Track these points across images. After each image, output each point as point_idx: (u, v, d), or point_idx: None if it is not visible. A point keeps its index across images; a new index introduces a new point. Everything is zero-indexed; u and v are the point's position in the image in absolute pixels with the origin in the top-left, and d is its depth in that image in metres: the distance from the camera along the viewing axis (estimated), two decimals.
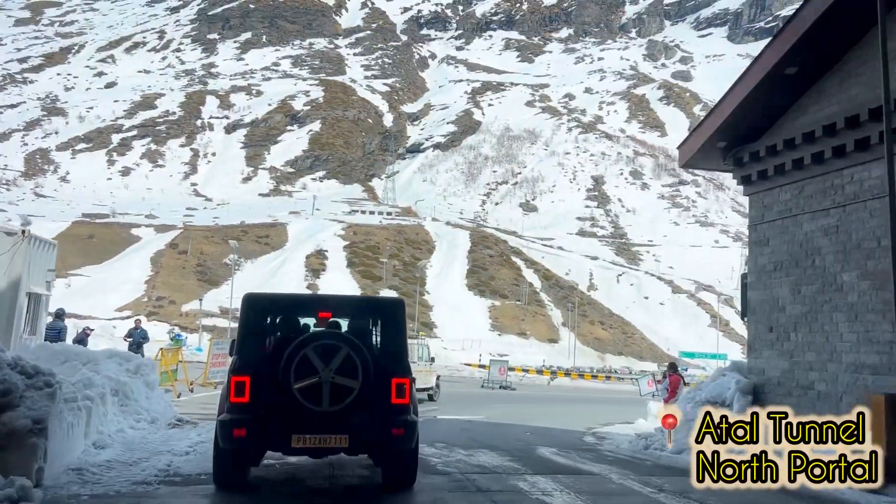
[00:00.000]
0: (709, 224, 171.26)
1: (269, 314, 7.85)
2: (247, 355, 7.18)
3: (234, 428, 6.75)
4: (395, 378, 7.04)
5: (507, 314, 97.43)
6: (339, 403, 6.72)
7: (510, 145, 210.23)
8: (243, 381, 6.86)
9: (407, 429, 6.97)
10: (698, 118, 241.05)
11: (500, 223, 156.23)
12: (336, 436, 6.83)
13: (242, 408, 6.79)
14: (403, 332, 7.80)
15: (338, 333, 7.27)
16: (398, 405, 7.00)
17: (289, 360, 6.70)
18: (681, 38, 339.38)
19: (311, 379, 6.70)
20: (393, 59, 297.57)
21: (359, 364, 6.75)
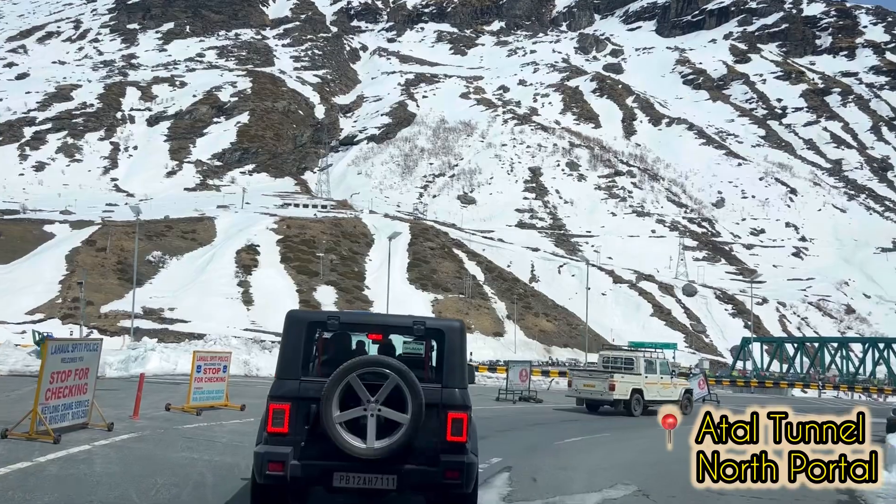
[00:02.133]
0: (645, 214, 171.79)
1: (314, 334, 6.93)
2: (288, 380, 6.32)
3: (271, 462, 5.94)
4: (451, 412, 6.17)
5: (451, 308, 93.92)
6: (386, 440, 5.92)
7: (446, 137, 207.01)
8: (282, 409, 6.12)
9: (463, 471, 6.04)
10: (631, 110, 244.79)
11: (439, 216, 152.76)
12: (383, 476, 5.99)
13: (280, 439, 6.05)
14: (462, 359, 6.52)
15: (386, 360, 6.22)
16: (454, 443, 6.11)
17: (330, 388, 5.97)
18: (611, 32, 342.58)
19: (355, 411, 5.97)
20: (323, 51, 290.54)
21: (408, 395, 5.96)
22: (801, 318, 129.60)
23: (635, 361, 23.56)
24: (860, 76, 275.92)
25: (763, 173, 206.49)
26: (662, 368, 24.17)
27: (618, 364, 24.03)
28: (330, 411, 5.94)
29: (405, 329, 7.03)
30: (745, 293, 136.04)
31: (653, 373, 23.30)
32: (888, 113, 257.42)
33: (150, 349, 26.80)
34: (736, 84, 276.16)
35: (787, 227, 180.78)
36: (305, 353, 6.62)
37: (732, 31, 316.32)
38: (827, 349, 58.17)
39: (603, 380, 22.35)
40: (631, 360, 23.84)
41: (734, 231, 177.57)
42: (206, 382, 15.03)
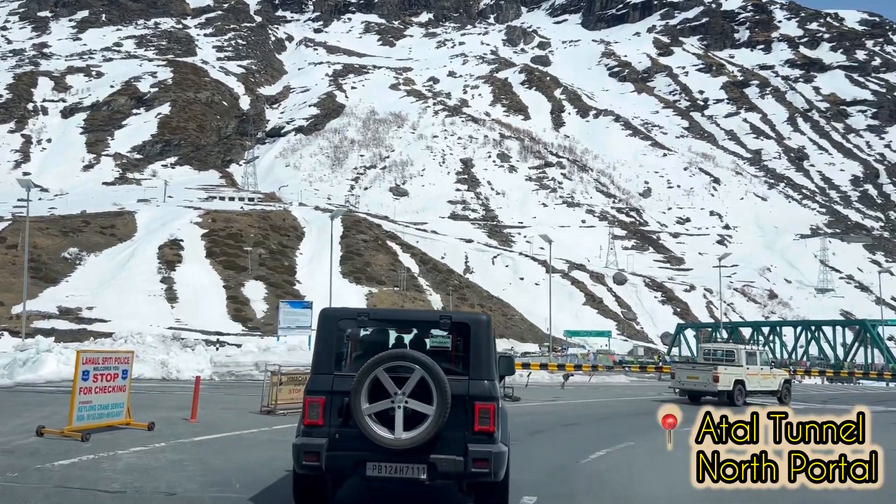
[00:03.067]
0: (575, 204, 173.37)
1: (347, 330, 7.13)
2: (322, 374, 6.63)
3: (307, 453, 6.29)
4: (478, 403, 6.35)
5: (386, 301, 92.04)
6: (414, 431, 6.16)
7: (376, 129, 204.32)
8: (317, 403, 6.47)
9: (490, 460, 6.18)
10: (559, 101, 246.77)
11: (371, 208, 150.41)
12: (413, 465, 6.21)
13: (316, 431, 6.42)
14: (488, 351, 6.65)
15: (411, 354, 6.41)
16: (481, 433, 6.30)
17: (359, 381, 6.24)
18: (538, 24, 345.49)
19: (383, 404, 6.23)
20: (247, 41, 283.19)
21: (434, 388, 6.18)
22: (727, 303, 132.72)
23: (736, 353, 24.21)
24: (776, 69, 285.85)
25: (687, 163, 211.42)
26: (762, 360, 24.75)
27: (719, 356, 24.77)
28: (359, 404, 6.16)
29: (432, 323, 7.21)
30: (672, 280, 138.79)
31: (753, 364, 23.88)
32: (803, 105, 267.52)
33: (44, 350, 21.82)
34: (660, 76, 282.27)
35: (712, 216, 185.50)
36: (338, 349, 6.85)
37: (655, 25, 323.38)
38: (759, 333, 59.12)
39: (707, 372, 22.93)
40: (732, 353, 24.50)
41: (661, 220, 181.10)
42: (97, 394, 10.92)
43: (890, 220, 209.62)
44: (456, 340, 7.20)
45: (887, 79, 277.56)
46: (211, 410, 14.24)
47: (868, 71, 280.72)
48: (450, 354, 7.15)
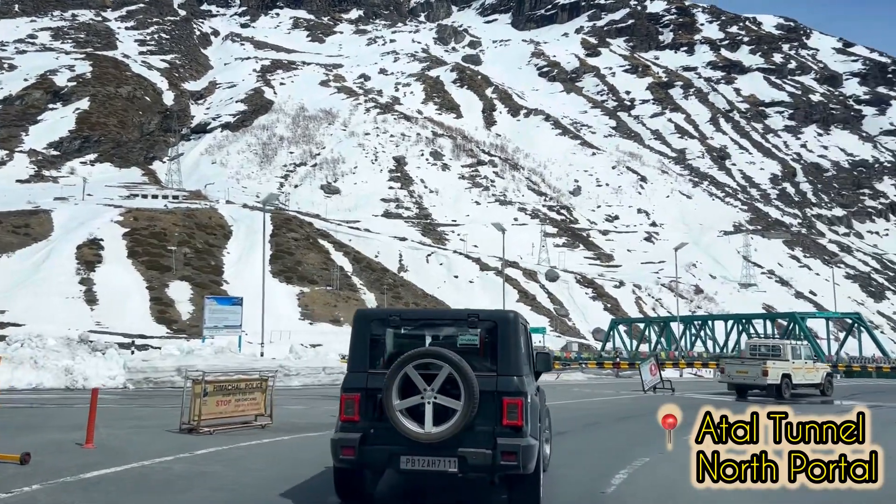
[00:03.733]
0: (507, 203, 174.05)
1: (381, 329, 7.28)
2: (357, 372, 6.95)
3: (343, 447, 6.63)
4: (506, 398, 6.54)
5: (319, 301, 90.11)
6: (442, 425, 6.42)
7: (306, 125, 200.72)
8: (353, 400, 6.77)
9: (519, 454, 6.36)
10: (491, 100, 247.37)
11: (302, 206, 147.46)
12: (445, 458, 6.45)
13: (351, 426, 6.72)
14: (516, 347, 6.87)
15: (439, 351, 6.67)
16: (510, 427, 6.50)
17: (390, 378, 6.54)
18: (468, 24, 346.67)
19: (413, 399, 6.53)
20: (171, 35, 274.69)
21: (461, 384, 6.43)
22: (655, 299, 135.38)
23: (782, 348, 25.17)
24: (699, 70, 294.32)
25: (615, 162, 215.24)
26: (807, 354, 25.56)
27: (765, 351, 25.67)
28: (391, 400, 6.44)
29: (460, 322, 7.37)
30: (603, 277, 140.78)
31: (798, 358, 24.69)
32: (724, 105, 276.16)
33: None
34: (588, 77, 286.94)
35: (639, 213, 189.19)
36: (372, 348, 7.05)
37: (583, 26, 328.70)
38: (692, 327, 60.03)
39: (755, 366, 23.51)
40: (778, 348, 25.39)
41: (591, 218, 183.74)
42: None
43: (807, 217, 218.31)
44: (484, 338, 7.21)
45: (802, 81, 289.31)
46: (117, 430, 11.59)
47: (784, 73, 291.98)
48: (478, 352, 7.12)
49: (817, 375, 25.17)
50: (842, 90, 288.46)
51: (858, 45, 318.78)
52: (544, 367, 8.20)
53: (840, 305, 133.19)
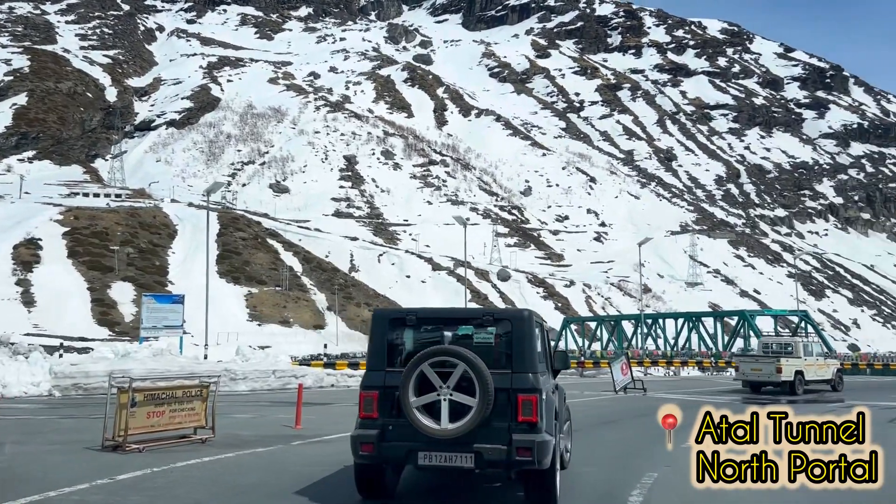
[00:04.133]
0: (459, 202, 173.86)
1: (398, 329, 7.43)
2: (376, 370, 7.09)
3: (362, 444, 6.77)
4: (521, 395, 6.66)
5: (267, 301, 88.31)
6: (458, 422, 6.52)
7: (255, 123, 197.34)
8: (371, 397, 6.90)
9: (534, 449, 6.48)
10: (442, 100, 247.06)
11: (250, 205, 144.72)
12: (462, 454, 6.59)
13: (370, 423, 6.84)
14: (531, 345, 7.02)
15: (454, 349, 6.80)
16: (525, 423, 6.61)
17: (406, 376, 6.64)
18: (419, 23, 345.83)
19: (429, 397, 6.63)
20: (114, 30, 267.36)
21: (476, 381, 6.52)
22: (605, 298, 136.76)
23: (794, 346, 25.61)
24: (646, 73, 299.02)
25: (565, 163, 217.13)
26: (817, 351, 26.28)
27: (777, 349, 25.98)
28: (407, 397, 6.56)
29: (476, 320, 7.53)
30: (553, 276, 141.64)
31: (810, 355, 25.32)
32: (671, 108, 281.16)
33: None
34: (538, 78, 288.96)
35: (589, 214, 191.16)
36: (390, 347, 7.20)
37: (533, 27, 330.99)
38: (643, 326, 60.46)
39: (769, 363, 24.24)
40: (790, 345, 25.84)
41: (541, 218, 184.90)
42: None
43: (750, 218, 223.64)
44: (499, 336, 7.33)
45: (746, 84, 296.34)
46: (28, 447, 10.01)
47: (729, 77, 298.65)
48: (493, 350, 7.18)
49: (828, 371, 25.92)
50: (783, 94, 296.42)
51: (799, 51, 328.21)
52: (562, 364, 8.40)
53: (782, 304, 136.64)
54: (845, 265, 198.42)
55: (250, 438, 11.20)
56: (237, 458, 9.48)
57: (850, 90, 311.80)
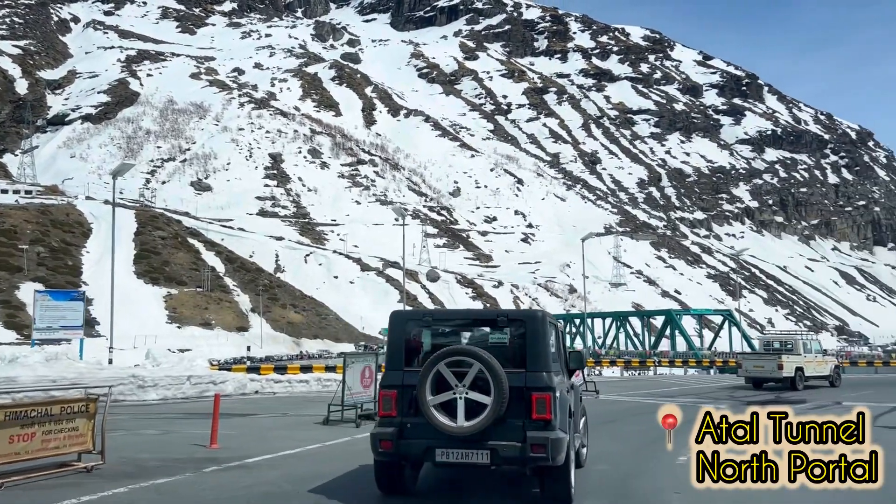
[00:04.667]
0: (388, 202, 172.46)
1: (414, 330, 7.62)
2: (394, 370, 7.23)
3: (381, 441, 6.90)
4: (534, 393, 6.79)
5: (188, 303, 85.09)
6: (474, 419, 6.66)
7: (175, 119, 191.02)
8: (390, 396, 7.04)
9: (548, 446, 6.61)
10: (370, 99, 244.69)
11: (170, 203, 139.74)
12: (478, 451, 6.74)
13: (389, 421, 6.98)
14: (545, 345, 7.12)
15: (469, 349, 6.94)
16: (538, 421, 6.74)
17: (423, 375, 6.79)
18: (347, 21, 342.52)
19: (445, 395, 6.78)
20: (25, 20, 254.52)
21: (491, 380, 6.66)
22: (532, 298, 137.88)
23: (794, 343, 26.38)
24: (572, 77, 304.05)
25: (493, 164, 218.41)
26: (816, 348, 27.14)
27: (777, 346, 26.83)
28: (425, 396, 6.72)
29: (490, 321, 7.84)
30: (482, 277, 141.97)
31: (809, 352, 26.24)
32: (595, 112, 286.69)
33: None
34: (466, 80, 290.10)
35: (516, 215, 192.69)
36: (407, 347, 7.32)
37: (462, 29, 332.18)
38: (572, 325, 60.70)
39: (771, 361, 25.22)
40: (790, 343, 26.61)
41: (470, 219, 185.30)
42: None
43: (671, 220, 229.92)
44: (513, 336, 7.49)
45: (667, 91, 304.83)
46: None
47: (651, 83, 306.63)
48: (508, 349, 7.35)
49: (826, 368, 27.01)
50: (702, 100, 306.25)
51: (717, 59, 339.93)
52: (577, 364, 8.52)
53: (702, 303, 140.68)
54: (760, 266, 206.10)
55: (152, 464, 8.98)
56: (129, 496, 7.23)
57: (765, 98, 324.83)
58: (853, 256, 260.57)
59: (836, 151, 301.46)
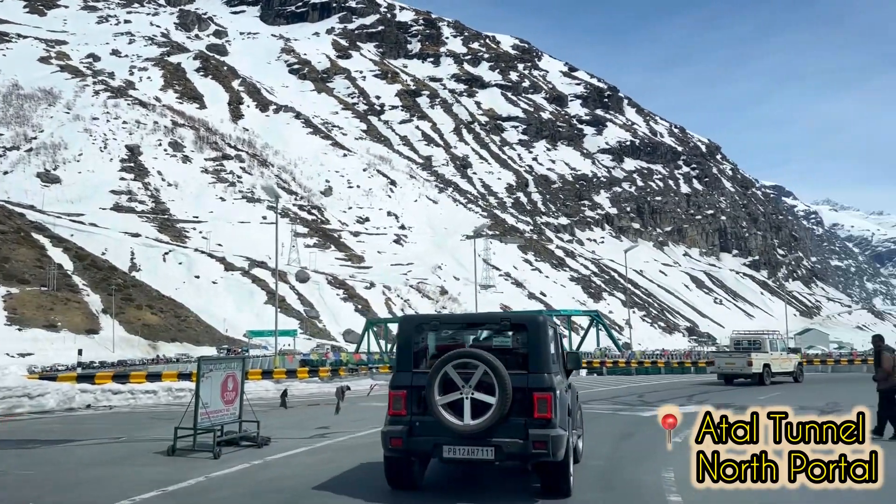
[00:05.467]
0: (255, 200, 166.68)
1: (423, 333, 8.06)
2: (403, 371, 7.62)
3: (392, 438, 7.32)
4: (536, 394, 7.23)
5: (31, 303, 77.94)
6: (479, 418, 7.09)
7: (21, 105, 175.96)
8: (400, 396, 7.46)
9: (548, 443, 7.08)
10: (238, 93, 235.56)
11: (13, 195, 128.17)
12: (483, 448, 7.14)
13: (399, 420, 7.40)
14: (545, 347, 7.60)
15: (475, 351, 7.37)
16: (540, 419, 7.18)
17: (432, 377, 7.21)
18: (213, 12, 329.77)
19: (453, 395, 7.21)
20: None
21: (496, 381, 7.09)
22: (403, 300, 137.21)
23: (762, 342, 28.58)
24: (444, 82, 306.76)
25: (366, 164, 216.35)
26: (781, 346, 29.65)
27: (747, 345, 28.74)
28: (433, 396, 7.18)
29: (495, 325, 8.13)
30: (354, 278, 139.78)
31: (776, 350, 28.61)
32: (466, 117, 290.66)
33: None
34: (339, 78, 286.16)
35: (389, 216, 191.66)
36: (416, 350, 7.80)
37: (334, 27, 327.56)
38: None
39: (742, 358, 27.21)
40: (759, 341, 28.75)
41: (342, 219, 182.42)
42: None
43: (537, 225, 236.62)
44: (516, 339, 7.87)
45: (534, 99, 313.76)
46: None
47: (519, 91, 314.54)
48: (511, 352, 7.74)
49: (791, 364, 29.34)
50: (567, 110, 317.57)
51: (581, 70, 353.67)
52: (574, 365, 8.98)
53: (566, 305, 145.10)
54: (619, 270, 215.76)
55: None
56: None
57: (625, 110, 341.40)
58: (702, 262, 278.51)
59: (687, 163, 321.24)
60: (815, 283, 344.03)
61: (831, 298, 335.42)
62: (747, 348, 28.41)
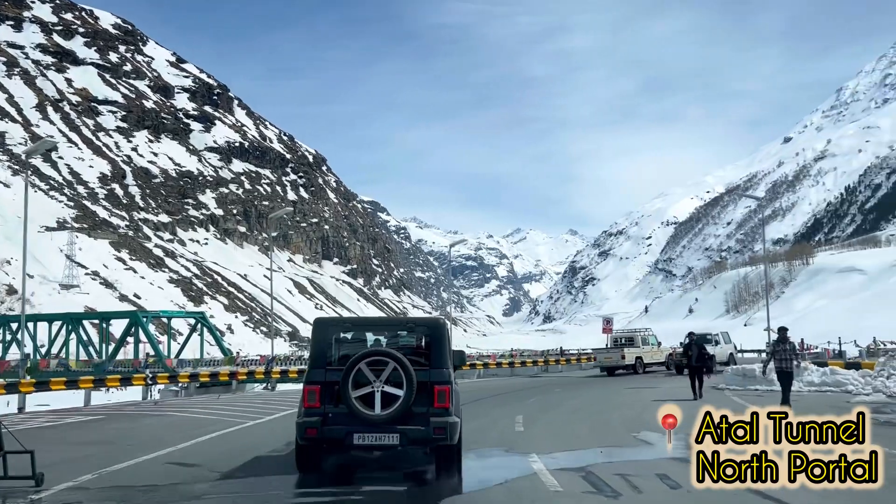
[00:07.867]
0: None
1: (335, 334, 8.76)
2: (317, 368, 8.38)
3: (307, 428, 8.06)
4: (436, 386, 8.15)
5: None
6: (389, 409, 7.92)
7: None
8: (314, 390, 8.21)
9: (447, 429, 8.01)
10: None
11: None
12: (390, 434, 7.98)
13: (314, 412, 8.15)
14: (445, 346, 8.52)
15: (386, 350, 8.20)
16: (439, 409, 8.09)
17: (346, 373, 7.96)
18: None
19: (365, 389, 7.99)
20: None
21: (403, 376, 7.91)
22: None
23: (635, 338, 34.52)
24: (27, 51, 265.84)
25: None
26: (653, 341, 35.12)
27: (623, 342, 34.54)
28: (347, 390, 7.91)
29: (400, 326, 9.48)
30: None
31: (647, 344, 34.58)
32: (54, 94, 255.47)
33: None
34: None
35: None
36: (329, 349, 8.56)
37: None
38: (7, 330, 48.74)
39: (616, 353, 33.56)
40: (632, 338, 34.60)
41: None
42: None
43: (134, 221, 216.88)
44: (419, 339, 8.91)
45: (137, 86, 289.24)
46: None
47: (120, 74, 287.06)
48: (415, 350, 8.73)
49: (662, 356, 34.65)
50: (173, 102, 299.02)
51: (190, 63, 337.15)
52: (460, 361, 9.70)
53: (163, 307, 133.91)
54: (223, 273, 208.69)
55: None
56: None
57: (235, 111, 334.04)
58: (305, 268, 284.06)
59: (295, 171, 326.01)
60: (404, 291, 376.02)
61: (416, 306, 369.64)
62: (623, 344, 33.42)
